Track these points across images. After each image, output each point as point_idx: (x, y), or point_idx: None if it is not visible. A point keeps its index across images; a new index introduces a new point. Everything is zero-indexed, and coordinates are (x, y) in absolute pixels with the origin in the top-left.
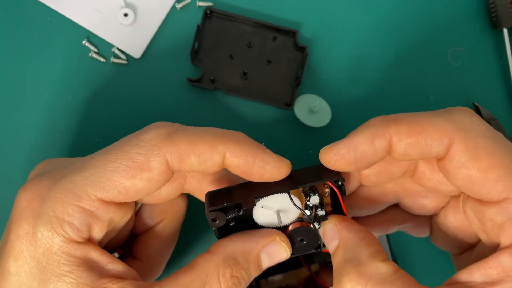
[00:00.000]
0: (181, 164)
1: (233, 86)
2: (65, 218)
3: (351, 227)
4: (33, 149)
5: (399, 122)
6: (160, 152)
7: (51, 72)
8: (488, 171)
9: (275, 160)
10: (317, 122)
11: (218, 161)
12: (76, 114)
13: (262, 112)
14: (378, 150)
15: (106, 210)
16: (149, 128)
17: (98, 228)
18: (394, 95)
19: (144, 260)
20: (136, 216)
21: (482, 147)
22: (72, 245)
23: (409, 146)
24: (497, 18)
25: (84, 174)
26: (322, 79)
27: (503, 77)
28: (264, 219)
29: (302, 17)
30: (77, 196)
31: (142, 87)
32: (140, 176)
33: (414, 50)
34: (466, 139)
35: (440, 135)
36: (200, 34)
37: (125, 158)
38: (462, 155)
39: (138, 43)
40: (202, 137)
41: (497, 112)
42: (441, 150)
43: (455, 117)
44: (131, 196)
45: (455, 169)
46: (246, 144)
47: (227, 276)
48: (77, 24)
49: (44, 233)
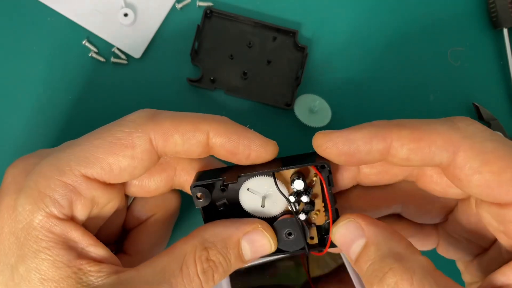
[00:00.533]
0: (165, 143)
1: (233, 86)
2: (47, 192)
3: (377, 222)
4: (33, 149)
5: (402, 127)
6: (143, 130)
7: (51, 72)
8: (502, 173)
9: (260, 138)
10: (317, 122)
11: (202, 140)
12: (76, 114)
13: (262, 112)
14: (373, 151)
15: (89, 186)
16: (134, 112)
17: (81, 206)
18: (394, 95)
19: (133, 255)
20: (128, 210)
21: (491, 151)
22: (52, 220)
23: (411, 151)
24: (497, 18)
25: (69, 150)
26: (322, 79)
27: (503, 77)
28: (250, 204)
29: (302, 17)
30: (61, 171)
31: (142, 87)
32: (123, 152)
33: (414, 50)
34: (473, 146)
35: (445, 142)
36: (200, 34)
37: (110, 135)
38: (474, 161)
39: (138, 43)
40: (185, 117)
41: (497, 112)
42: (445, 158)
43: (458, 125)
44: (115, 174)
45: (468, 176)
46: (230, 124)
47: (202, 258)
48: (77, 24)
49: (25, 206)
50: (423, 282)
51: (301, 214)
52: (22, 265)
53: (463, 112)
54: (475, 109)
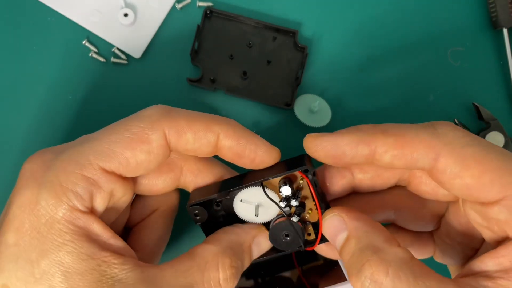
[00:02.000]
0: (178, 139)
1: (233, 86)
2: (68, 186)
3: (359, 216)
4: (33, 149)
5: (386, 134)
6: (159, 126)
7: (51, 72)
8: (481, 176)
9: (266, 145)
10: (317, 122)
11: (212, 140)
12: (76, 114)
13: (262, 112)
14: (359, 155)
15: (108, 180)
16: (149, 107)
17: (100, 198)
18: (394, 95)
19: (139, 250)
20: (131, 206)
21: (470, 156)
22: (75, 213)
23: (394, 157)
24: (497, 18)
25: (87, 144)
26: (322, 79)
27: (503, 77)
28: (246, 214)
29: (302, 17)
30: (80, 164)
31: (142, 87)
32: (140, 147)
33: (414, 50)
34: (453, 152)
35: (426, 149)
36: (200, 34)
37: (127, 130)
38: (454, 166)
39: (138, 43)
40: (198, 117)
41: (497, 112)
42: (427, 163)
43: (439, 131)
44: (132, 168)
45: (450, 180)
46: (239, 128)
47: (226, 265)
48: (77, 24)
49: (48, 201)
50: (399, 273)
51: (294, 216)
52: (45, 259)
53: (463, 112)
54: (475, 109)
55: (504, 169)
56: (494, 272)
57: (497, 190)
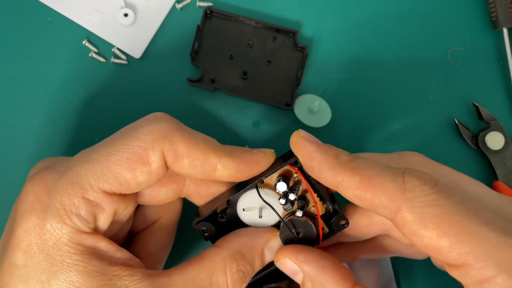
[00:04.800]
0: (174, 163)
1: (233, 86)
2: (72, 210)
3: (309, 258)
4: (33, 149)
5: (354, 172)
6: (159, 146)
7: (51, 72)
8: (440, 240)
9: (263, 157)
10: (317, 122)
11: (208, 171)
12: (76, 114)
13: (262, 112)
14: (325, 178)
15: (110, 201)
16: (151, 120)
17: (103, 218)
18: (394, 95)
19: (144, 257)
20: (134, 215)
21: (429, 218)
22: (81, 235)
23: (356, 197)
24: (497, 18)
25: (87, 166)
26: (322, 79)
27: (503, 77)
28: (250, 218)
29: (302, 17)
30: (82, 188)
31: (142, 87)
32: (140, 169)
33: (414, 50)
34: (413, 210)
35: (388, 200)
36: (200, 34)
37: (126, 151)
38: (412, 224)
39: (138, 43)
40: (197, 145)
41: (497, 112)
42: (387, 214)
43: (405, 184)
44: (132, 188)
45: (409, 235)
46: (237, 154)
47: (233, 270)
48: (77, 24)
49: (54, 225)
50: None
51: (298, 211)
52: (55, 279)
53: (463, 112)
54: (475, 109)
55: (465, 234)
56: None
57: (456, 256)
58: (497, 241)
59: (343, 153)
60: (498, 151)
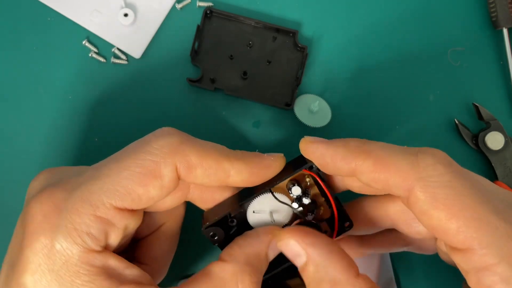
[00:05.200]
0: (187, 174)
1: (233, 86)
2: (83, 229)
3: (316, 242)
4: (33, 149)
5: (367, 156)
6: (171, 159)
7: (51, 72)
8: (448, 222)
9: (274, 161)
10: (317, 122)
11: (222, 178)
12: (76, 114)
13: (262, 112)
14: (340, 170)
15: (121, 217)
16: (160, 135)
17: (114, 235)
18: (394, 95)
19: (149, 263)
20: None
21: (441, 199)
22: (91, 254)
23: (371, 180)
24: (497, 18)
25: (99, 183)
26: (322, 79)
27: (503, 77)
28: (260, 223)
29: (302, 17)
30: (94, 206)
31: (142, 87)
32: (152, 183)
33: (414, 50)
34: (426, 189)
35: (401, 180)
36: (200, 34)
37: (138, 165)
38: (423, 204)
39: (138, 43)
40: (209, 153)
41: (497, 112)
42: (401, 193)
43: (419, 163)
44: (143, 203)
45: (419, 214)
46: (249, 159)
47: (246, 283)
48: (77, 24)
49: (63, 245)
50: None
51: (308, 215)
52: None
53: (463, 112)
54: (475, 109)
55: (473, 220)
56: None
57: (461, 240)
58: (505, 231)
59: (352, 140)
60: (498, 151)
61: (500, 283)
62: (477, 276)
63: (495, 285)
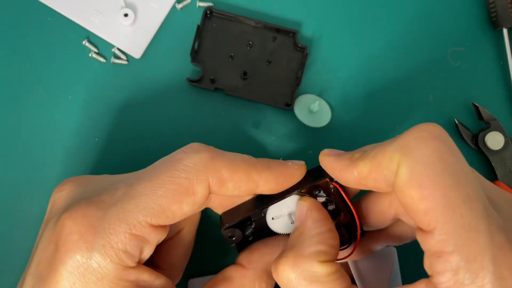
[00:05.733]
0: (219, 188)
1: (233, 86)
2: (119, 247)
3: (314, 215)
4: (33, 149)
5: (364, 159)
6: (204, 177)
7: (51, 72)
8: (419, 202)
9: (297, 169)
10: (317, 122)
11: (251, 188)
12: (76, 114)
13: (262, 112)
14: (348, 180)
15: (156, 234)
16: (191, 152)
17: (148, 250)
18: (394, 95)
19: (167, 268)
20: None
21: (417, 177)
22: (127, 271)
23: (375, 181)
24: (497, 18)
25: (134, 201)
26: (322, 79)
27: (503, 77)
28: (280, 226)
29: (302, 17)
30: (130, 224)
31: (142, 87)
32: (186, 200)
33: (414, 50)
34: (407, 165)
35: (389, 162)
36: (200, 34)
37: (172, 183)
38: (400, 181)
39: (138, 43)
40: (239, 166)
41: (497, 112)
42: (392, 178)
43: (404, 139)
44: (176, 218)
45: (396, 191)
46: (275, 168)
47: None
48: (77, 24)
49: (101, 263)
50: None
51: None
52: None
53: (463, 112)
54: (475, 109)
55: (443, 205)
56: None
57: (427, 222)
58: (468, 222)
59: (358, 151)
60: (498, 151)
61: (449, 272)
62: (430, 260)
63: (444, 272)
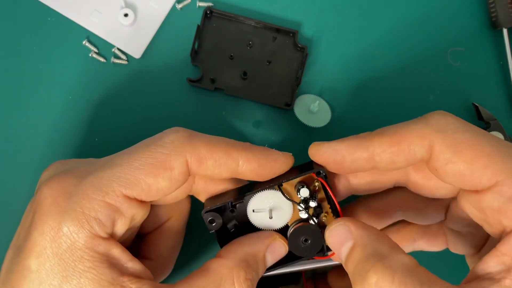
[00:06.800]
0: (199, 166)
1: (233, 86)
2: (91, 214)
3: (365, 225)
4: (33, 149)
5: (382, 135)
6: (181, 153)
7: (51, 72)
8: (473, 161)
9: (283, 156)
10: (317, 122)
11: (232, 167)
12: (76, 114)
13: (262, 112)
14: (358, 159)
15: (129, 206)
16: (170, 131)
17: (121, 224)
18: (394, 95)
19: (154, 258)
20: None
21: (462, 142)
22: (97, 240)
23: (393, 154)
24: (497, 18)
25: (110, 171)
26: (322, 79)
27: (503, 77)
28: (259, 219)
29: (302, 17)
30: (103, 191)
31: (142, 87)
32: (162, 174)
33: (414, 50)
34: (445, 138)
35: (420, 139)
36: (200, 34)
37: (150, 157)
38: (446, 152)
39: (138, 43)
40: (218, 144)
41: (497, 112)
42: (424, 152)
43: (430, 121)
44: (152, 194)
45: (443, 167)
46: (257, 149)
47: (241, 279)
48: (77, 24)
49: (70, 228)
50: (405, 280)
51: (313, 218)
52: (66, 285)
53: (463, 112)
54: (474, 109)
55: (497, 154)
56: (497, 274)
57: (489, 176)
58: None
59: (361, 133)
60: None
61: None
62: (497, 217)
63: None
